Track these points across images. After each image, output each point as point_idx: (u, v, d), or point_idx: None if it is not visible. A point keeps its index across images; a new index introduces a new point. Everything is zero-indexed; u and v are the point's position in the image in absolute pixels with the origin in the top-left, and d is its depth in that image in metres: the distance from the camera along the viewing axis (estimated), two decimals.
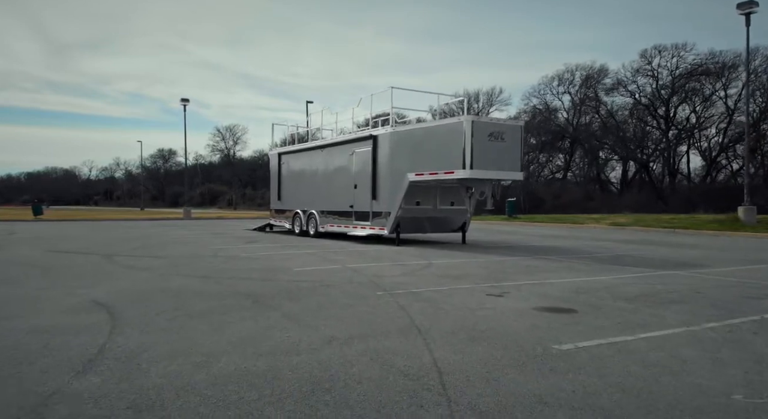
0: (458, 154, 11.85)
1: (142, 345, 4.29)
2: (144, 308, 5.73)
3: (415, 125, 13.36)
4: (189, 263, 9.77)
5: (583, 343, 4.35)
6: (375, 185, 14.19)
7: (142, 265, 9.60)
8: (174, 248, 13.09)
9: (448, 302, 6.07)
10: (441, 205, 14.26)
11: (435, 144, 12.52)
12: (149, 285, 7.28)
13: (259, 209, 64.10)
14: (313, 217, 17.14)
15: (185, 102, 38.77)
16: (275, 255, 11.31)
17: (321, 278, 7.88)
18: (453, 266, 9.54)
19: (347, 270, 8.85)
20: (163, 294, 6.58)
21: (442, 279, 7.85)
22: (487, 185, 12.53)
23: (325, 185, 16.68)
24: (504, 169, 12.25)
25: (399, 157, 13.51)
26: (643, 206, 41.33)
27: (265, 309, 5.67)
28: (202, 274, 8.40)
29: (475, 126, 11.75)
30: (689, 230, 20.97)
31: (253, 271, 8.74)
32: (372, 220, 14.32)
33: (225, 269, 8.94)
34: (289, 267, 9.23)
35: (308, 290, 6.82)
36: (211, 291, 6.79)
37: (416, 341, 4.41)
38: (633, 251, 12.72)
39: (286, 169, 19.26)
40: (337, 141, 16.17)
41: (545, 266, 9.64)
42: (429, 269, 9.00)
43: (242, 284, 7.32)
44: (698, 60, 47.29)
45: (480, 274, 8.44)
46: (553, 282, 7.65)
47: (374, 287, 7.07)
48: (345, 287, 7.06)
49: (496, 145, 12.05)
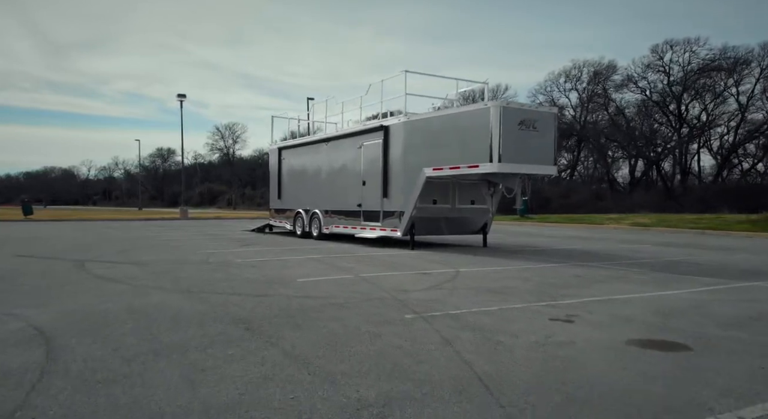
0: (484, 145, 10.34)
1: (66, 417, 2.79)
2: (98, 341, 4.23)
3: (433, 113, 11.84)
4: (173, 272, 8.27)
5: (747, 412, 2.85)
6: (386, 182, 12.67)
7: (116, 274, 8.09)
8: (161, 252, 11.59)
9: (505, 331, 4.56)
10: (460, 204, 12.74)
11: (457, 134, 11.00)
12: (116, 304, 5.77)
13: (259, 208, 62.65)
14: (316, 217, 15.63)
15: (182, 98, 37.30)
16: (274, 261, 9.80)
17: (330, 293, 6.38)
18: (486, 276, 8.03)
19: (361, 281, 7.34)
20: (130, 318, 5.08)
21: (481, 295, 6.34)
22: (516, 180, 11.00)
23: (329, 182, 15.17)
24: (536, 162, 10.73)
25: (414, 149, 11.99)
26: (655, 206, 39.88)
27: (260, 343, 4.16)
28: (185, 286, 6.90)
29: (504, 113, 10.23)
30: (719, 232, 19.48)
31: (248, 282, 7.24)
32: (383, 220, 12.81)
33: (215, 280, 7.43)
34: (290, 277, 7.73)
35: (316, 312, 5.31)
36: (193, 313, 5.29)
37: (491, 411, 2.89)
38: (680, 256, 11.21)
39: (286, 165, 17.73)
40: (344, 133, 14.64)
41: (594, 275, 8.13)
42: (459, 280, 7.49)
43: (233, 302, 5.82)
44: (711, 55, 45.80)
45: (524, 288, 6.92)
46: (624, 299, 6.14)
47: (400, 307, 5.56)
48: (363, 308, 5.55)
49: (528, 135, 10.54)
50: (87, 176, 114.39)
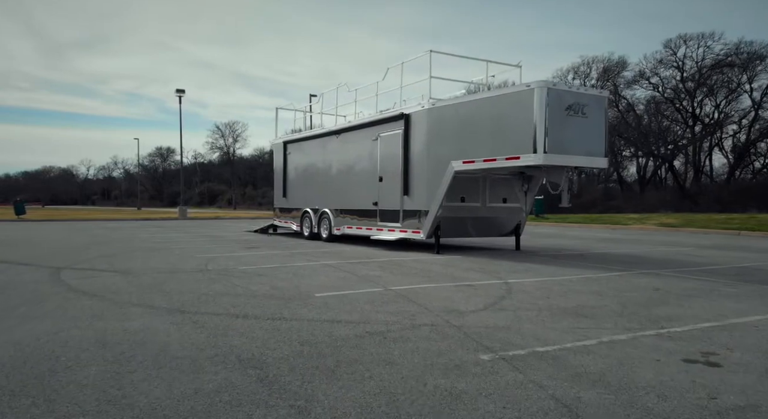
0: (527, 133, 8.91)
1: None
2: (38, 403, 2.81)
3: (463, 98, 10.37)
4: (164, 283, 6.85)
5: None
6: (407, 177, 11.24)
7: (96, 287, 6.66)
8: (154, 256, 10.16)
9: (637, 384, 3.13)
10: (491, 202, 11.30)
11: (492, 122, 9.57)
12: (84, 331, 4.36)
13: (260, 208, 61.28)
14: (326, 217, 14.21)
15: (180, 93, 35.87)
16: (284, 269, 8.38)
17: (363, 314, 4.95)
18: (546, 289, 6.60)
19: (396, 297, 5.91)
20: (96, 357, 3.66)
21: (559, 319, 4.91)
22: (563, 174, 9.56)
23: (341, 179, 13.74)
24: (585, 153, 9.29)
25: (440, 140, 10.56)
26: (669, 205, 38.54)
27: (284, 411, 2.74)
28: (178, 304, 5.48)
29: (550, 96, 8.80)
30: (756, 233, 18.05)
31: (256, 298, 5.81)
32: (403, 221, 11.38)
33: (214, 294, 6.01)
34: (307, 290, 6.31)
35: (353, 348, 3.89)
36: (185, 349, 3.87)
37: None
38: (746, 261, 9.78)
39: (293, 160, 16.30)
40: (357, 124, 13.19)
41: (676, 288, 6.70)
42: (517, 296, 6.06)
43: (239, 329, 4.40)
44: (726, 50, 44.33)
45: (607, 307, 5.49)
46: (751, 325, 4.71)
47: (463, 340, 4.14)
48: (414, 340, 4.13)
49: (577, 121, 9.11)
50: (86, 176, 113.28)
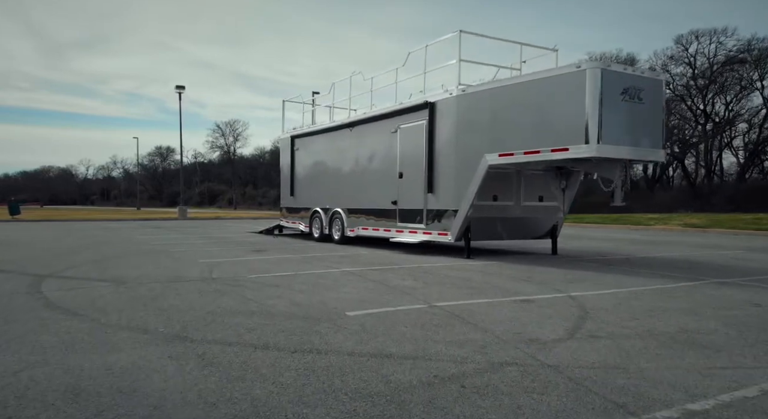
0: (577, 121, 7.77)
1: None
2: None
3: (499, 83, 9.19)
4: (162, 297, 5.72)
5: None
6: (432, 173, 10.11)
7: (79, 301, 5.53)
8: (151, 261, 9.03)
9: None
10: (526, 200, 10.16)
11: (534, 109, 8.42)
12: (53, 369, 3.23)
13: (260, 208, 60.12)
14: (338, 217, 13.09)
15: (180, 90, 34.77)
16: (301, 277, 7.24)
17: (417, 347, 3.82)
18: (624, 305, 5.46)
19: (448, 318, 4.78)
20: (64, 413, 2.53)
21: (677, 350, 3.76)
22: (617, 168, 8.41)
23: (355, 176, 12.61)
24: (642, 144, 8.16)
25: (471, 131, 9.43)
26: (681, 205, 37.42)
27: None
28: (178, 327, 4.35)
29: (605, 78, 7.66)
30: None
31: (274, 319, 4.68)
32: (427, 222, 10.24)
33: (223, 313, 4.88)
34: (334, 307, 5.18)
35: (425, 405, 2.75)
36: (186, 403, 2.73)
37: None
38: None
39: (301, 156, 15.17)
40: (374, 115, 12.03)
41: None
42: (600, 317, 4.92)
43: (258, 370, 3.27)
44: (738, 46, 43.19)
45: (720, 331, 4.34)
46: None
47: (577, 392, 3.00)
48: (504, 391, 2.99)
49: (632, 108, 7.98)
50: (85, 176, 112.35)
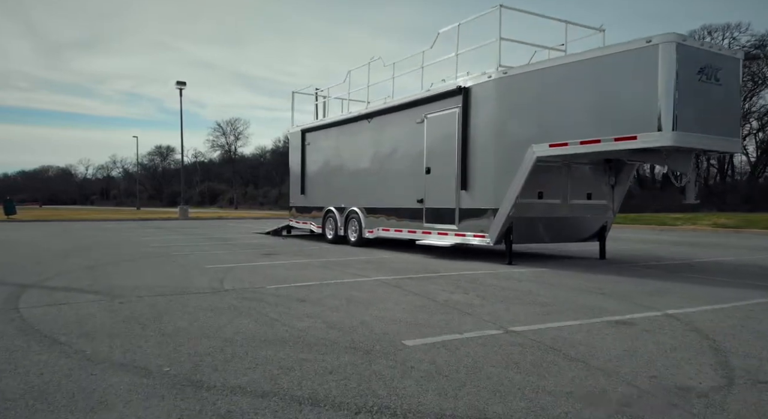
0: (648, 104, 6.65)
1: None
2: None
3: (547, 63, 7.98)
4: (165, 316, 4.61)
5: None
6: (466, 168, 9.01)
7: (62, 322, 4.42)
8: (150, 268, 7.91)
9: None
10: (573, 198, 9.05)
11: (592, 91, 7.29)
12: None
13: (261, 208, 59.01)
14: (354, 217, 11.99)
15: (181, 86, 33.62)
16: (329, 288, 6.12)
17: (534, 405, 2.70)
18: (746, 329, 4.36)
19: (542, 352, 3.67)
20: None
21: None
22: (690, 160, 7.28)
23: (374, 172, 11.50)
24: (719, 132, 7.05)
25: (514, 118, 8.32)
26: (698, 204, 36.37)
27: None
28: (188, 365, 3.24)
29: (680, 54, 6.53)
30: None
31: (312, 351, 3.57)
32: (460, 222, 9.13)
33: (243, 345, 3.77)
34: (384, 332, 4.07)
35: None
36: None
37: None
38: None
39: (313, 151, 14.06)
40: (396, 104, 10.91)
41: None
42: (739, 349, 3.81)
43: None
44: (753, 42, 42.15)
45: None
46: None
47: None
48: None
49: (709, 90, 6.86)
50: (85, 176, 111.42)
